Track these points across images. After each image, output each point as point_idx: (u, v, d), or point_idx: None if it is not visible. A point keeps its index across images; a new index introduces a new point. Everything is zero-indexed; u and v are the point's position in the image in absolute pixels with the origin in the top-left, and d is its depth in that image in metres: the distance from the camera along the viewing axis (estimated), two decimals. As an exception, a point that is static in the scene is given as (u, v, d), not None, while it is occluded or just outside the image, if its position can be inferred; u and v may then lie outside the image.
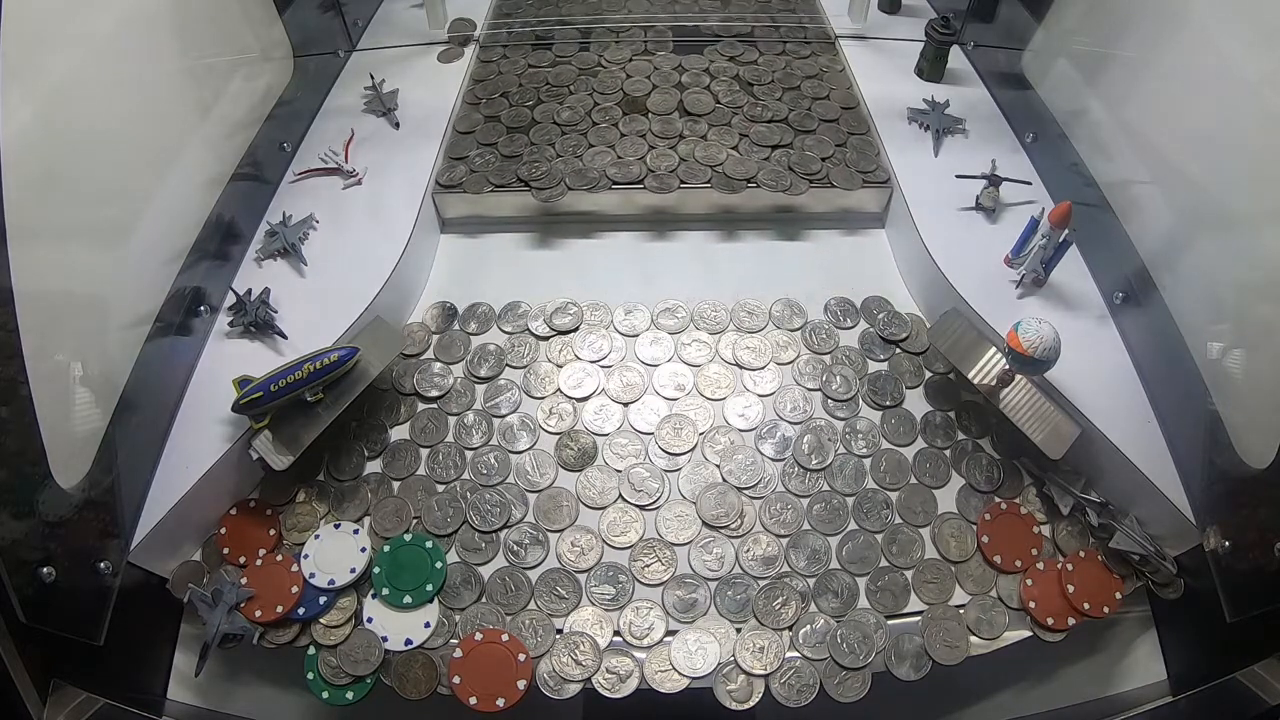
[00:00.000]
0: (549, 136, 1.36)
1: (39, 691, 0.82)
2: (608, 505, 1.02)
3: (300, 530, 0.99)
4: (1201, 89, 1.02)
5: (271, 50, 1.39)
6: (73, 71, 0.91)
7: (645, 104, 1.42)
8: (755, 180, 1.28)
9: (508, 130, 1.38)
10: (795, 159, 1.32)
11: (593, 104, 1.42)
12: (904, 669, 0.91)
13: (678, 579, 0.96)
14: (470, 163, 1.33)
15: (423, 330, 1.18)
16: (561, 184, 1.28)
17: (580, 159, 1.32)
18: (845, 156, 1.34)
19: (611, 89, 1.45)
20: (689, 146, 1.34)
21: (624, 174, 1.29)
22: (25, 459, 0.77)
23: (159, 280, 1.04)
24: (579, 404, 1.11)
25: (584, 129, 1.38)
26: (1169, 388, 1.00)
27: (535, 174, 1.29)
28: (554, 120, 1.39)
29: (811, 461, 1.05)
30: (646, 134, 1.37)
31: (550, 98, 1.44)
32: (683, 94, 1.44)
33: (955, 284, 1.12)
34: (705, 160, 1.31)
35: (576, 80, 1.47)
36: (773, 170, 1.30)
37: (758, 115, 1.40)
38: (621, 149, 1.34)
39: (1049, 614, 0.94)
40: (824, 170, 1.31)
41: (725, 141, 1.35)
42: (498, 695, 0.88)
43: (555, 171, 1.29)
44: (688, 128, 1.37)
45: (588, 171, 1.29)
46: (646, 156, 1.32)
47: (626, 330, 1.18)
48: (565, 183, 1.28)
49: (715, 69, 1.49)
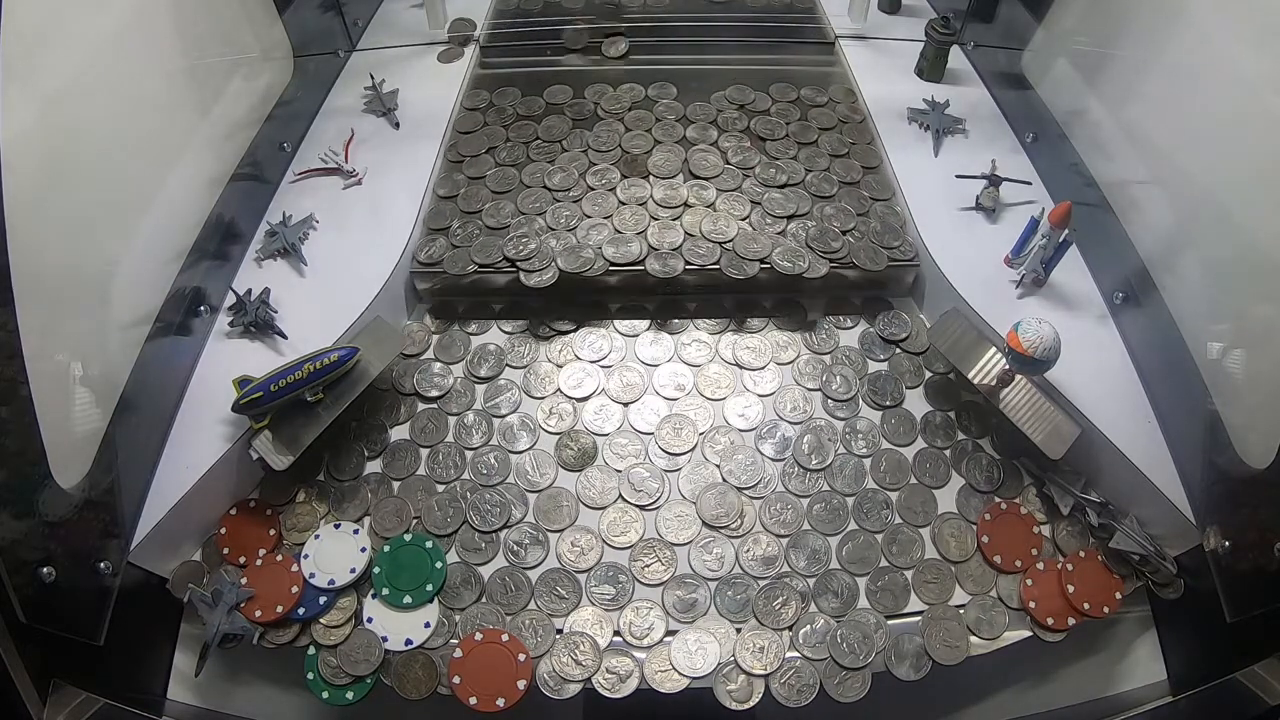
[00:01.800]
0: (539, 205, 1.24)
1: (39, 691, 0.82)
2: (608, 505, 1.02)
3: (300, 530, 0.99)
4: (1201, 89, 1.02)
5: (271, 50, 1.39)
6: (73, 71, 0.91)
7: (646, 165, 1.29)
8: (768, 261, 1.16)
9: (493, 195, 1.26)
10: (813, 233, 1.19)
11: (588, 164, 1.30)
12: (904, 669, 0.91)
13: (678, 579, 0.96)
14: (451, 235, 1.21)
15: (423, 330, 1.18)
16: (553, 266, 1.15)
17: (574, 233, 1.19)
18: (869, 228, 1.21)
19: (609, 145, 1.33)
20: (695, 218, 1.21)
21: (622, 254, 1.16)
22: (25, 459, 0.77)
23: (159, 280, 1.04)
24: (579, 404, 1.11)
25: (578, 195, 1.25)
26: (1169, 388, 1.00)
27: (523, 251, 1.16)
28: (544, 185, 1.27)
29: (811, 461, 1.05)
30: (647, 202, 1.24)
31: (540, 155, 1.32)
32: (688, 151, 1.32)
33: (955, 284, 1.12)
34: (713, 235, 1.19)
35: (570, 134, 1.35)
36: (788, 249, 1.17)
37: (770, 179, 1.28)
38: (620, 221, 1.21)
39: (1049, 614, 0.94)
40: (845, 247, 1.18)
41: (735, 212, 1.23)
42: (498, 695, 0.88)
43: (546, 251, 1.17)
44: (694, 195, 1.24)
45: (582, 250, 1.16)
46: (647, 231, 1.19)
47: (626, 330, 1.18)
48: (557, 264, 1.15)
49: (724, 120, 1.38)
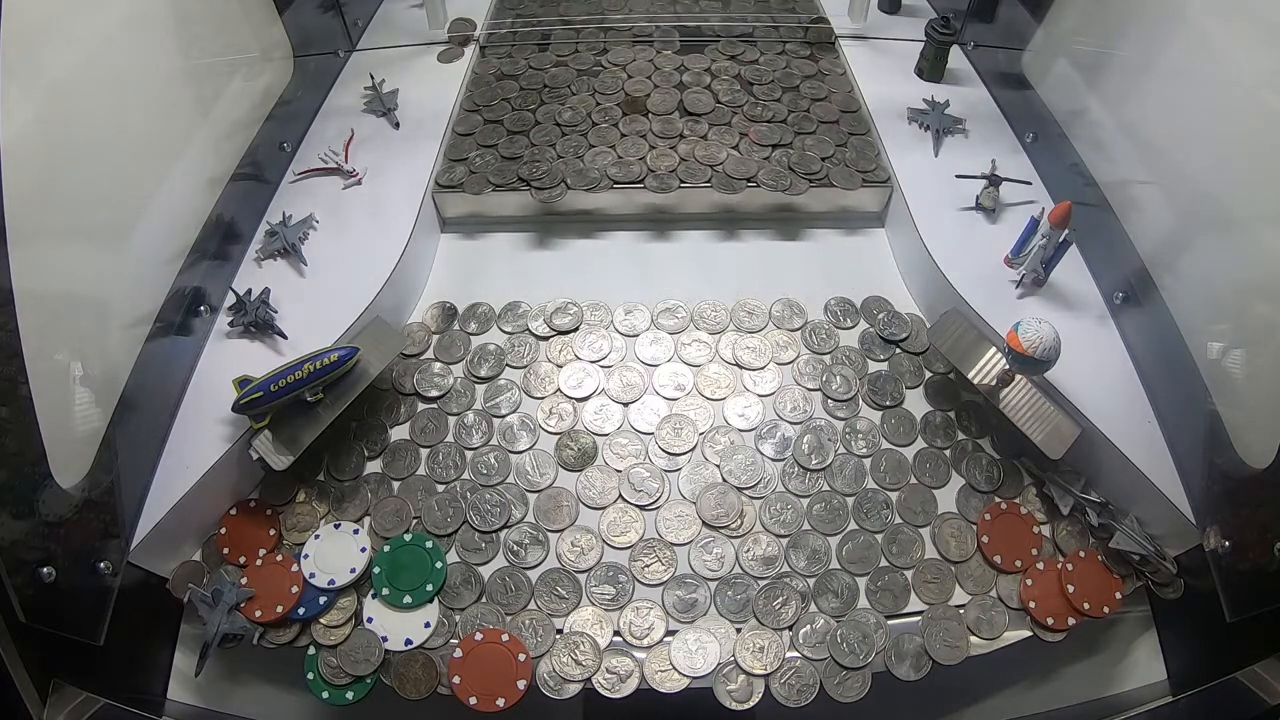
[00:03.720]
0: (549, 138, 1.36)
1: (39, 691, 0.82)
2: (608, 505, 1.02)
3: (300, 530, 0.99)
4: (1201, 89, 1.02)
5: (271, 50, 1.39)
6: (73, 71, 0.91)
7: (645, 104, 1.42)
8: (755, 180, 1.29)
9: (509, 133, 1.38)
10: (795, 159, 1.32)
11: (594, 104, 1.43)
12: (904, 669, 0.91)
13: (678, 579, 0.96)
14: (470, 163, 1.33)
15: (422, 330, 1.18)
16: (562, 184, 1.28)
17: (581, 159, 1.32)
18: (845, 156, 1.34)
19: (612, 89, 1.45)
20: (689, 146, 1.34)
21: (625, 174, 1.30)
22: (25, 459, 0.77)
23: (159, 280, 1.04)
24: (579, 404, 1.11)
25: (584, 129, 1.38)
26: (1169, 388, 1.00)
27: (536, 174, 1.30)
28: (555, 121, 1.39)
29: (812, 461, 1.05)
30: (647, 134, 1.37)
31: (552, 99, 1.44)
32: (683, 94, 1.44)
33: (955, 284, 1.12)
34: (705, 160, 1.31)
35: (577, 81, 1.48)
36: (773, 170, 1.30)
37: (758, 115, 1.40)
38: (622, 149, 1.34)
39: (1049, 614, 0.94)
40: (824, 170, 1.31)
41: (725, 141, 1.35)
42: (498, 695, 0.88)
43: (556, 171, 1.30)
44: (688, 128, 1.37)
45: (588, 171, 1.30)
46: (647, 156, 1.33)
47: (626, 330, 1.18)
48: (566, 182, 1.28)
49: (717, 68, 1.50)
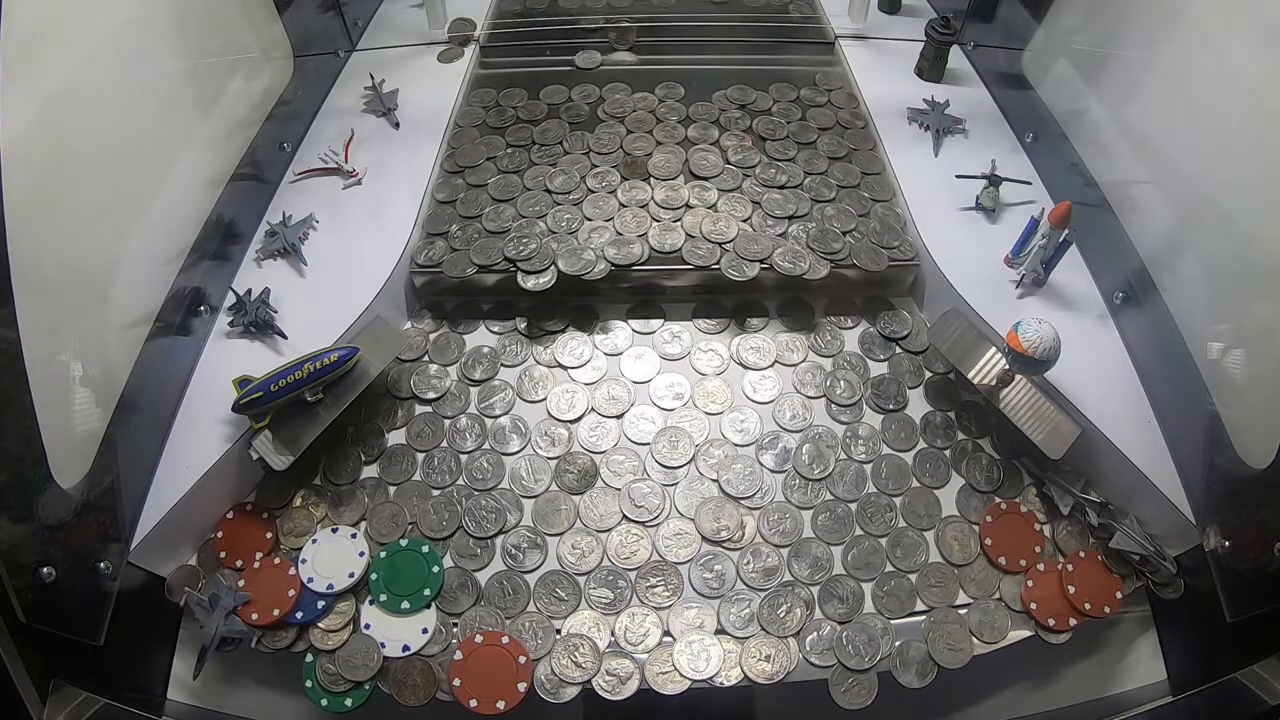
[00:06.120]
0: (539, 209, 1.23)
1: (39, 691, 0.82)
2: (612, 528, 1.00)
3: (297, 534, 0.99)
4: (1200, 89, 1.02)
5: (271, 50, 1.39)
6: (73, 71, 0.91)
7: (647, 167, 1.28)
8: (769, 262, 1.15)
9: (494, 200, 1.25)
10: (814, 234, 1.19)
11: (589, 166, 1.29)
12: (909, 676, 0.91)
13: (683, 602, 0.95)
14: (451, 239, 1.20)
15: (420, 335, 1.17)
16: (553, 267, 1.15)
17: (574, 236, 1.19)
18: (869, 228, 1.21)
19: (609, 148, 1.32)
20: (696, 219, 1.20)
21: (624, 255, 1.15)
22: (25, 460, 0.77)
23: (159, 280, 1.04)
24: (572, 425, 1.08)
25: (578, 199, 1.24)
26: (1169, 388, 1.00)
27: (524, 252, 1.15)
28: (546, 188, 1.26)
29: (813, 471, 1.04)
30: (649, 204, 1.23)
31: (542, 158, 1.31)
32: (689, 151, 1.31)
33: (955, 284, 1.12)
34: (714, 236, 1.18)
35: (570, 137, 1.34)
36: (790, 250, 1.16)
37: (770, 180, 1.27)
38: (621, 223, 1.20)
39: (1050, 615, 0.94)
40: (845, 248, 1.18)
41: (736, 213, 1.22)
42: (498, 698, 0.87)
43: (546, 251, 1.16)
44: (695, 196, 1.24)
45: (583, 252, 1.16)
46: (649, 232, 1.19)
47: (618, 346, 1.16)
48: (557, 265, 1.15)
49: (726, 120, 1.37)
